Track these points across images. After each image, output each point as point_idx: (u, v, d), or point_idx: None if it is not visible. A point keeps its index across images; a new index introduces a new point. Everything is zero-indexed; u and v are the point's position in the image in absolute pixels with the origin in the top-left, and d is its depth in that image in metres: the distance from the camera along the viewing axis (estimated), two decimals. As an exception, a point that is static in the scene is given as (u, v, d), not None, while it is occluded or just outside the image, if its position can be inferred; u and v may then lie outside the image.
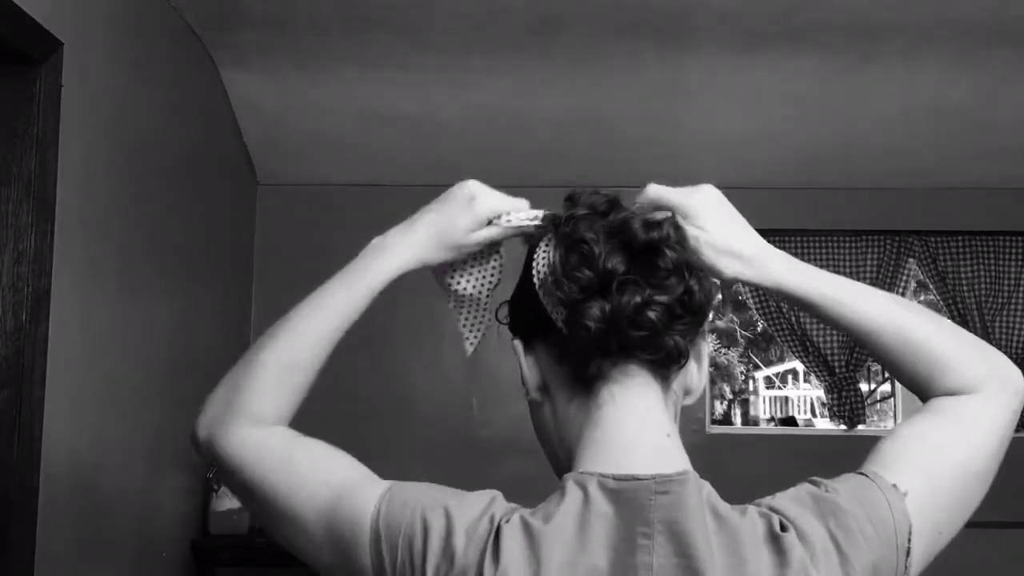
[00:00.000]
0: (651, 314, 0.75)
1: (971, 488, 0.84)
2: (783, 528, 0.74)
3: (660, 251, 0.76)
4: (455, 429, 3.32)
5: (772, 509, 0.76)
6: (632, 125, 3.06)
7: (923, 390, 0.89)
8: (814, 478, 0.80)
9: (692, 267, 0.79)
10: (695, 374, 0.86)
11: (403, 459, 3.09)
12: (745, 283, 0.89)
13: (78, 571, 2.03)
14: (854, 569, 0.73)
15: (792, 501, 0.77)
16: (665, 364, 0.80)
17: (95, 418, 2.10)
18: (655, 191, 0.88)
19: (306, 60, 2.76)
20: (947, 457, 0.83)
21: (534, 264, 0.82)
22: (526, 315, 0.85)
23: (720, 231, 0.86)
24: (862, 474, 0.81)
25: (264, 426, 0.88)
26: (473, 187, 0.91)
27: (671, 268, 0.77)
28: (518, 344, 0.86)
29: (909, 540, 0.77)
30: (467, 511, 0.75)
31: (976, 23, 2.44)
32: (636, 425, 0.79)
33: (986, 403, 0.86)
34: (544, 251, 0.81)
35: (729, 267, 0.86)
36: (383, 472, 0.83)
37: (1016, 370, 0.89)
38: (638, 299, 0.75)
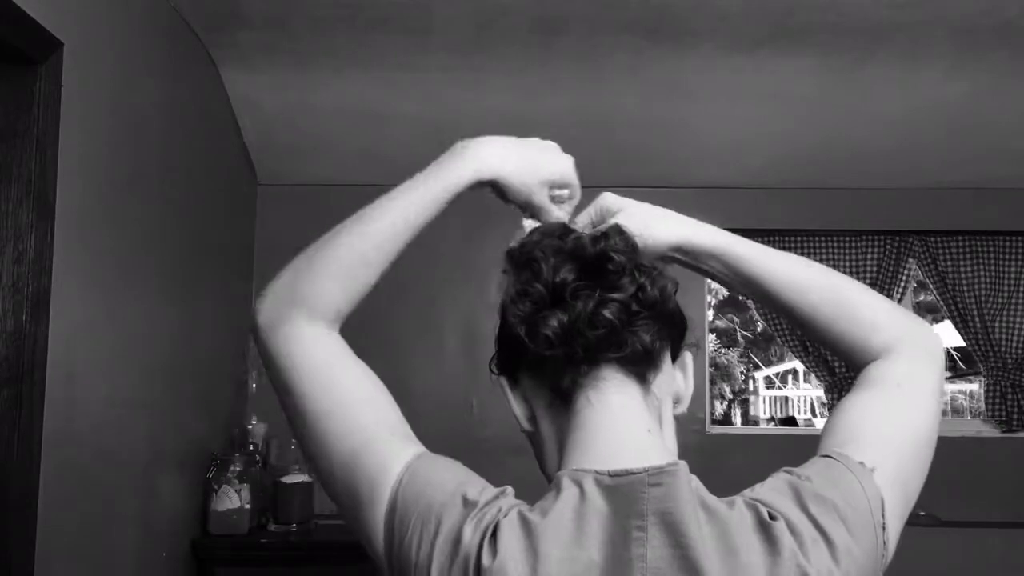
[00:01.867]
0: (607, 312, 0.78)
1: (923, 452, 0.86)
2: (772, 517, 0.75)
3: (609, 257, 0.81)
4: (455, 429, 3.32)
5: (756, 500, 0.78)
6: (632, 125, 3.06)
7: (853, 352, 0.93)
8: (787, 467, 0.82)
9: (642, 268, 0.82)
10: (682, 383, 0.89)
11: (403, 459, 3.07)
12: (677, 249, 0.95)
13: (78, 571, 2.03)
14: (839, 552, 0.75)
15: (772, 492, 0.79)
16: (634, 361, 0.82)
17: (95, 418, 2.10)
18: (579, 219, 0.99)
19: (306, 60, 2.76)
20: (899, 424, 0.86)
21: (503, 294, 0.86)
22: (506, 350, 0.88)
23: (647, 207, 0.96)
24: (827, 456, 0.83)
25: (320, 325, 0.90)
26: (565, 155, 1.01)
27: (621, 270, 0.80)
28: (503, 381, 0.89)
29: (883, 515, 0.79)
30: (480, 505, 0.77)
31: (976, 23, 2.44)
32: (614, 421, 0.81)
33: (912, 366, 0.90)
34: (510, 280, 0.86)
35: (662, 230, 0.94)
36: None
37: (933, 332, 0.94)
38: (592, 303, 0.78)
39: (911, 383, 0.89)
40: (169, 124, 2.51)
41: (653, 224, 0.93)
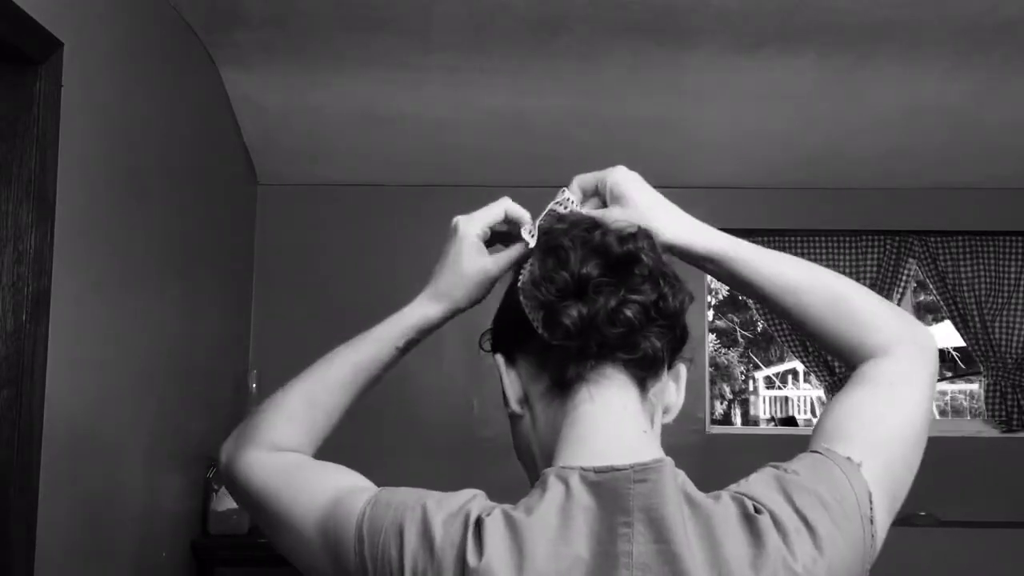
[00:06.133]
0: (628, 312, 0.79)
1: (911, 451, 0.87)
2: (757, 511, 0.76)
3: (637, 259, 0.81)
4: (456, 429, 3.32)
5: (742, 494, 0.78)
6: (632, 125, 3.06)
7: (849, 351, 0.93)
8: (774, 462, 0.83)
9: (666, 276, 0.82)
10: (673, 393, 0.89)
11: (404, 459, 3.09)
12: (671, 249, 0.93)
13: (78, 571, 2.03)
14: (823, 543, 0.76)
15: (760, 485, 0.80)
16: (641, 366, 0.83)
17: (95, 418, 2.10)
18: (577, 179, 0.95)
19: (306, 60, 2.76)
20: (887, 423, 0.87)
21: (520, 277, 0.86)
22: (508, 329, 0.88)
23: (643, 202, 0.92)
24: (815, 452, 0.84)
25: (279, 451, 0.93)
26: (454, 221, 0.96)
27: (646, 275, 0.81)
28: (500, 359, 0.89)
29: (871, 508, 0.80)
30: (446, 506, 0.78)
31: (976, 23, 2.44)
32: (613, 421, 0.82)
33: (907, 365, 0.91)
34: (530, 264, 0.85)
35: (662, 230, 0.90)
36: (384, 471, 0.83)
37: (928, 332, 0.94)
38: (614, 301, 0.79)
39: (904, 383, 0.89)
40: (169, 124, 2.51)
41: (654, 223, 0.90)
